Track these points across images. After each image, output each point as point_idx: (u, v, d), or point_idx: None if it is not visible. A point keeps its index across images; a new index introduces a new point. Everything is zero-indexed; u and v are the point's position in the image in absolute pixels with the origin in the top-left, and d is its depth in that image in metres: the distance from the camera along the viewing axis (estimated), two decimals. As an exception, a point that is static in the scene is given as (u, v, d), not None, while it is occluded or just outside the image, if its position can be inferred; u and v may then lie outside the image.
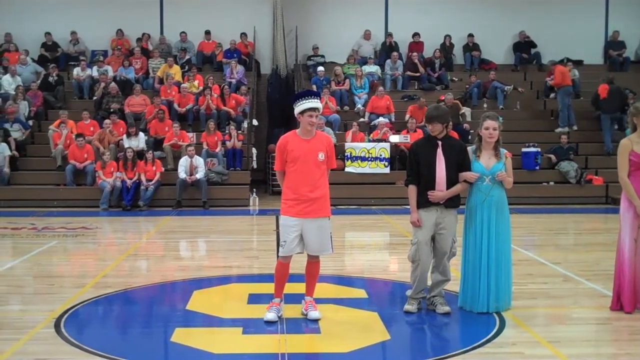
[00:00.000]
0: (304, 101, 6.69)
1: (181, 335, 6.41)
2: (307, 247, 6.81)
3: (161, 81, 19.77)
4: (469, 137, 16.93)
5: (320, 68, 20.65)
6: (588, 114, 19.44)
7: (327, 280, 8.37)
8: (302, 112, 6.70)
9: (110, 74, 19.94)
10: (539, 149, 17.81)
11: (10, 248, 11.59)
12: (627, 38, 22.53)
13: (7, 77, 19.56)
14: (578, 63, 21.52)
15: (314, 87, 19.29)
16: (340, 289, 8.26)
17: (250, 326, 6.67)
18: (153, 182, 16.31)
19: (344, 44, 21.95)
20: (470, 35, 22.22)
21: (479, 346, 6.11)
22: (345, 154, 17.45)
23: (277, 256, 6.96)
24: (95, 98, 19.32)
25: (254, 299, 7.64)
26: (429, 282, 7.22)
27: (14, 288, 8.64)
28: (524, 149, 17.63)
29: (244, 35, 21.68)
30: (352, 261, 10.71)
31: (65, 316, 7.01)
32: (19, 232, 12.81)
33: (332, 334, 6.49)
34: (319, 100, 6.80)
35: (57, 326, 6.65)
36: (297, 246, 6.78)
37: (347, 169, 17.39)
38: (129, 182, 16.15)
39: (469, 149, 7.18)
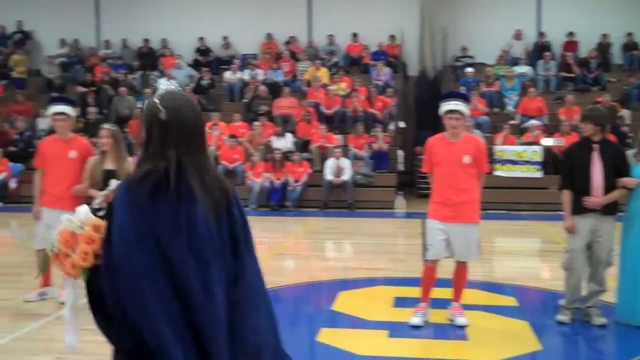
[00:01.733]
0: (446, 103, 6.56)
1: (326, 335, 6.42)
2: (453, 252, 6.65)
3: (309, 84, 20.03)
4: (628, 140, 16.06)
5: (469, 69, 20.25)
6: None
7: (476, 287, 8.13)
8: (444, 114, 6.56)
9: (260, 77, 20.41)
10: None
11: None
12: None
13: (163, 81, 20.34)
14: None
15: (462, 89, 18.92)
16: (489, 296, 8.03)
17: (396, 329, 6.58)
18: (300, 183, 16.54)
19: (494, 44, 21.39)
20: (630, 34, 21.11)
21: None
22: (495, 157, 17.01)
23: (424, 260, 6.82)
24: (245, 100, 19.84)
25: (399, 302, 7.55)
26: (584, 292, 6.86)
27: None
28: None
29: (391, 37, 21.61)
30: (501, 267, 10.39)
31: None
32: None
33: (479, 342, 6.30)
34: (461, 103, 6.58)
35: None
36: (444, 250, 6.62)
37: (496, 173, 16.94)
38: (277, 182, 16.46)
39: (629, 152, 6.77)
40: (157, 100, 2.70)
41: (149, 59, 21.84)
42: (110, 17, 22.73)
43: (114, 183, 7.08)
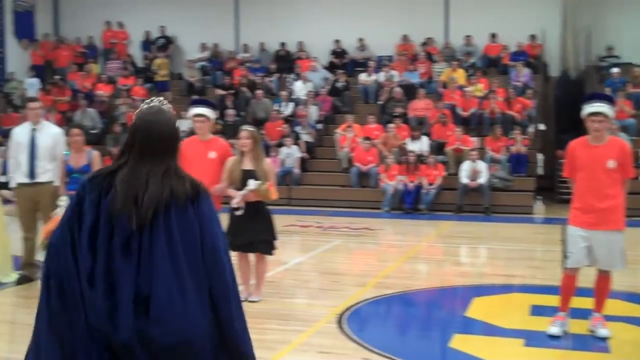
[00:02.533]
0: (589, 105, 6.27)
1: (460, 342, 6.26)
2: (595, 261, 6.33)
3: (444, 85, 19.75)
4: None
5: (615, 69, 19.35)
6: None
7: (619, 297, 7.68)
8: (586, 117, 6.27)
9: (395, 78, 20.31)
10: None
11: (298, 244, 12.18)
12: None
13: (299, 84, 20.72)
14: None
15: (607, 90, 18.11)
16: (634, 307, 7.61)
17: (532, 339, 6.33)
18: (434, 185, 16.31)
19: (642, 43, 20.37)
20: None
21: None
22: (641, 162, 16.16)
23: (563, 268, 6.52)
24: (380, 102, 19.80)
25: (536, 310, 7.26)
26: None
27: (301, 282, 9.05)
28: None
29: (531, 36, 20.98)
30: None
31: (347, 313, 7.16)
32: (306, 230, 13.45)
33: (623, 355, 5.99)
34: (605, 104, 6.26)
35: (339, 322, 6.80)
36: (585, 258, 6.31)
37: (641, 178, 16.08)
38: (410, 185, 16.30)
39: None
40: (137, 113, 3.10)
41: (286, 62, 22.20)
42: (249, 22, 23.26)
43: (252, 183, 7.24)
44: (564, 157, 6.62)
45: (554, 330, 6.40)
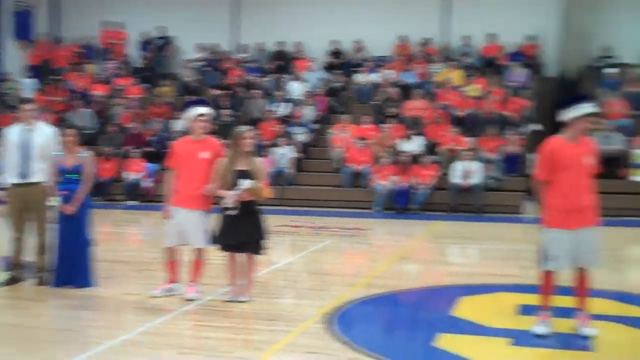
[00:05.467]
0: (582, 105, 6.41)
1: (446, 341, 6.28)
2: (577, 261, 6.41)
3: (441, 85, 19.78)
4: None
5: (611, 70, 19.38)
6: None
7: (606, 296, 7.73)
8: (583, 116, 6.37)
9: (392, 79, 20.33)
10: None
11: (289, 244, 12.20)
12: None
13: (295, 84, 20.75)
14: None
15: (603, 90, 18.24)
16: (620, 306, 7.65)
17: (519, 338, 6.36)
18: (427, 185, 16.34)
19: (638, 44, 20.38)
20: None
21: None
22: (635, 162, 16.23)
23: (542, 267, 6.55)
24: (375, 103, 19.82)
25: (525, 310, 7.26)
26: None
27: (290, 282, 9.08)
28: None
29: (529, 37, 21.00)
30: (635, 277, 9.86)
31: (336, 313, 7.18)
32: (298, 230, 13.47)
33: (607, 354, 6.02)
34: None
35: (327, 322, 6.82)
36: (568, 263, 6.39)
37: (635, 178, 16.16)
38: (403, 185, 16.33)
39: None
40: None
41: (283, 62, 22.21)
42: (246, 22, 23.25)
43: (246, 182, 7.28)
44: (539, 158, 6.62)
45: (540, 329, 6.44)
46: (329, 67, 21.90)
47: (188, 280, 7.76)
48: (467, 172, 16.22)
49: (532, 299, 6.87)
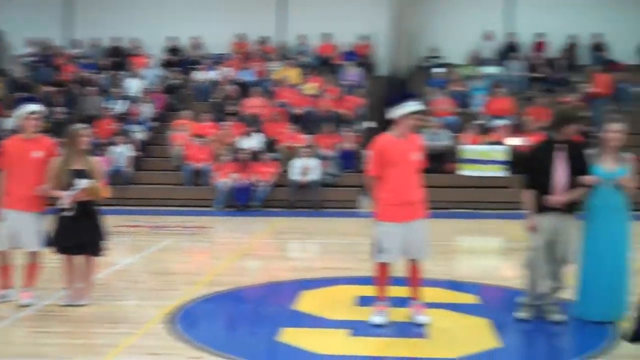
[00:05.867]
0: (409, 104, 6.67)
1: (288, 335, 6.41)
2: (408, 253, 6.72)
3: (278, 83, 20.01)
4: (592, 140, 16.24)
5: (438, 69, 20.36)
6: None
7: (438, 285, 8.20)
8: (409, 114, 6.64)
9: (230, 77, 20.35)
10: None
11: (129, 245, 11.96)
12: None
13: (132, 81, 20.32)
14: None
15: (431, 89, 19.14)
16: (451, 294, 8.09)
17: (357, 328, 6.60)
18: (267, 182, 16.52)
19: (463, 45, 21.54)
20: (597, 35, 21.34)
21: (593, 357, 5.84)
22: (461, 157, 17.14)
23: (376, 259, 6.84)
24: (214, 100, 19.77)
25: (362, 301, 7.54)
26: (544, 290, 6.92)
27: (131, 283, 8.92)
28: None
29: (361, 37, 21.67)
30: (464, 266, 10.48)
31: (178, 312, 7.16)
32: (137, 230, 13.25)
33: (439, 340, 6.35)
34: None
35: (169, 322, 6.79)
36: (400, 254, 6.70)
37: (462, 172, 17.07)
38: (243, 182, 16.41)
39: (590, 152, 6.86)
40: None
41: (119, 59, 21.67)
42: (82, 17, 22.54)
43: (82, 182, 7.08)
44: (370, 155, 6.87)
45: (377, 319, 6.71)
46: (167, 64, 21.65)
47: (22, 286, 7.46)
48: (305, 168, 16.54)
49: (369, 291, 7.15)
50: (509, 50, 21.33)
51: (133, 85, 20.17)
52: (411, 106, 6.65)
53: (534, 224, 6.74)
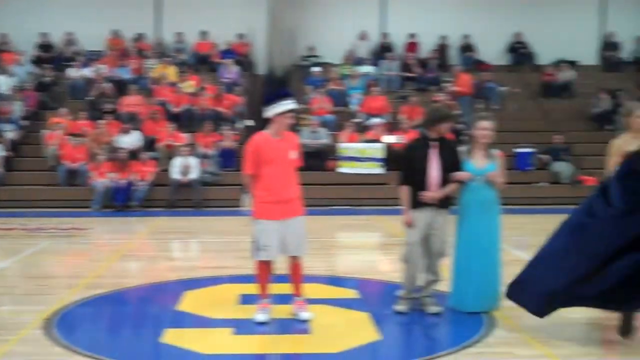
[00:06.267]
0: (284, 102, 6.76)
1: (171, 336, 6.39)
2: (287, 250, 6.83)
3: (156, 81, 19.75)
4: (462, 137, 16.92)
5: (316, 68, 20.64)
6: (582, 114, 19.50)
7: (319, 281, 8.37)
8: (283, 113, 6.74)
9: (106, 74, 19.92)
10: (533, 149, 17.84)
11: (2, 249, 11.52)
12: (622, 38, 22.59)
13: (1, 78, 19.53)
14: (572, 64, 21.56)
15: (309, 88, 19.39)
16: (332, 290, 8.25)
17: (240, 327, 6.66)
18: (147, 182, 16.29)
19: (340, 45, 21.94)
20: (466, 36, 22.24)
21: (469, 346, 6.11)
22: (339, 154, 17.45)
23: (256, 258, 6.91)
24: (89, 98, 19.30)
25: (245, 299, 7.60)
26: (421, 283, 7.21)
27: (6, 289, 8.62)
28: (517, 149, 17.65)
29: (240, 35, 21.70)
30: (344, 261, 10.69)
31: (56, 317, 6.99)
32: (10, 233, 12.79)
33: (322, 335, 6.49)
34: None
35: (47, 327, 6.63)
36: (278, 251, 6.79)
37: (340, 169, 17.40)
38: (122, 182, 16.12)
39: (462, 149, 7.17)
40: None
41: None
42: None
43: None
44: (246, 154, 6.92)
45: (260, 317, 6.78)
46: (38, 61, 20.95)
47: None
48: (185, 167, 16.42)
49: (251, 289, 7.22)
50: (383, 50, 21.90)
51: (2, 83, 19.40)
52: (286, 105, 6.74)
53: (410, 219, 6.97)
